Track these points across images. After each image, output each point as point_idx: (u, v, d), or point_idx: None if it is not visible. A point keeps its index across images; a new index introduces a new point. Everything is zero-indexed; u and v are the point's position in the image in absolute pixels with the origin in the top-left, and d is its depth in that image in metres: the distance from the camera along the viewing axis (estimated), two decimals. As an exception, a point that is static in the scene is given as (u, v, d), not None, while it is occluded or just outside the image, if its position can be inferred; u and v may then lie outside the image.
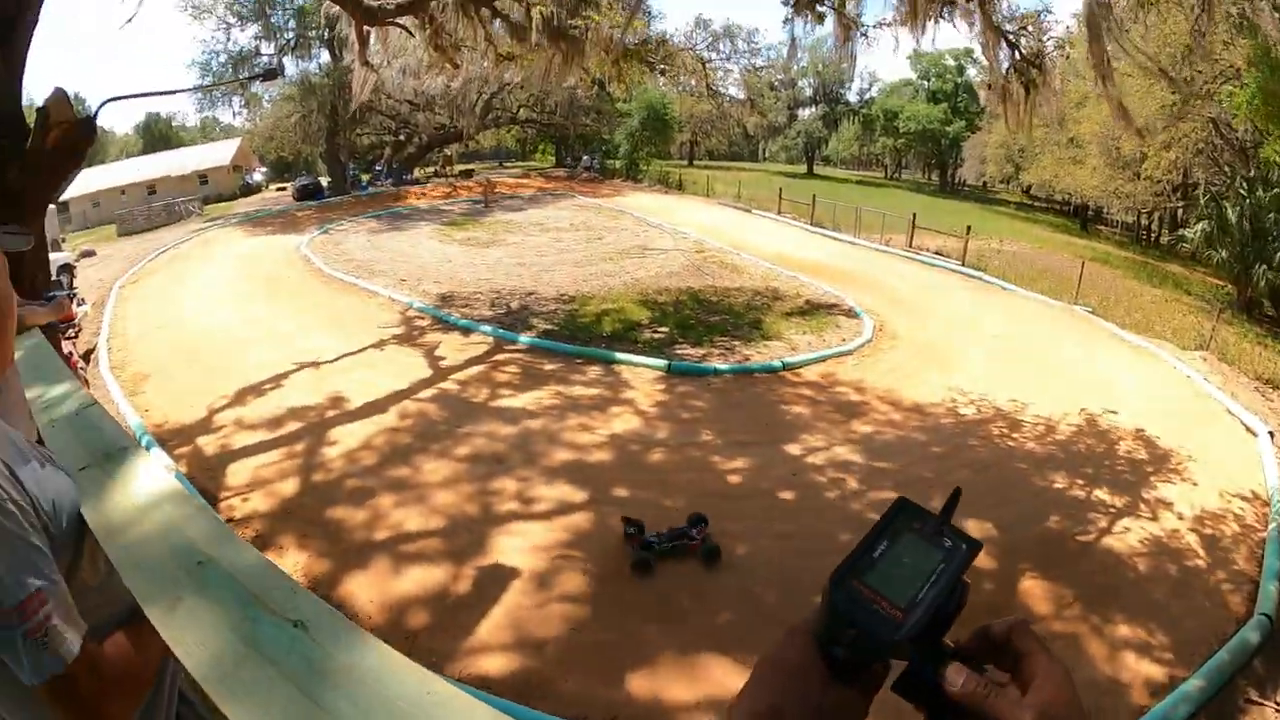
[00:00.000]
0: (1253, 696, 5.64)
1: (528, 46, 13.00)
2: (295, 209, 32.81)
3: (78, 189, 31.83)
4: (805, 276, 18.91)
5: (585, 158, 49.86)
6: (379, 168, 43.44)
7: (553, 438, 8.90)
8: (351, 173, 40.37)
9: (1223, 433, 11.01)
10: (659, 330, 13.68)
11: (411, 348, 12.50)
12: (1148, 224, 45.57)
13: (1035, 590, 6.60)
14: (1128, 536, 7.67)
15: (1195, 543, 7.74)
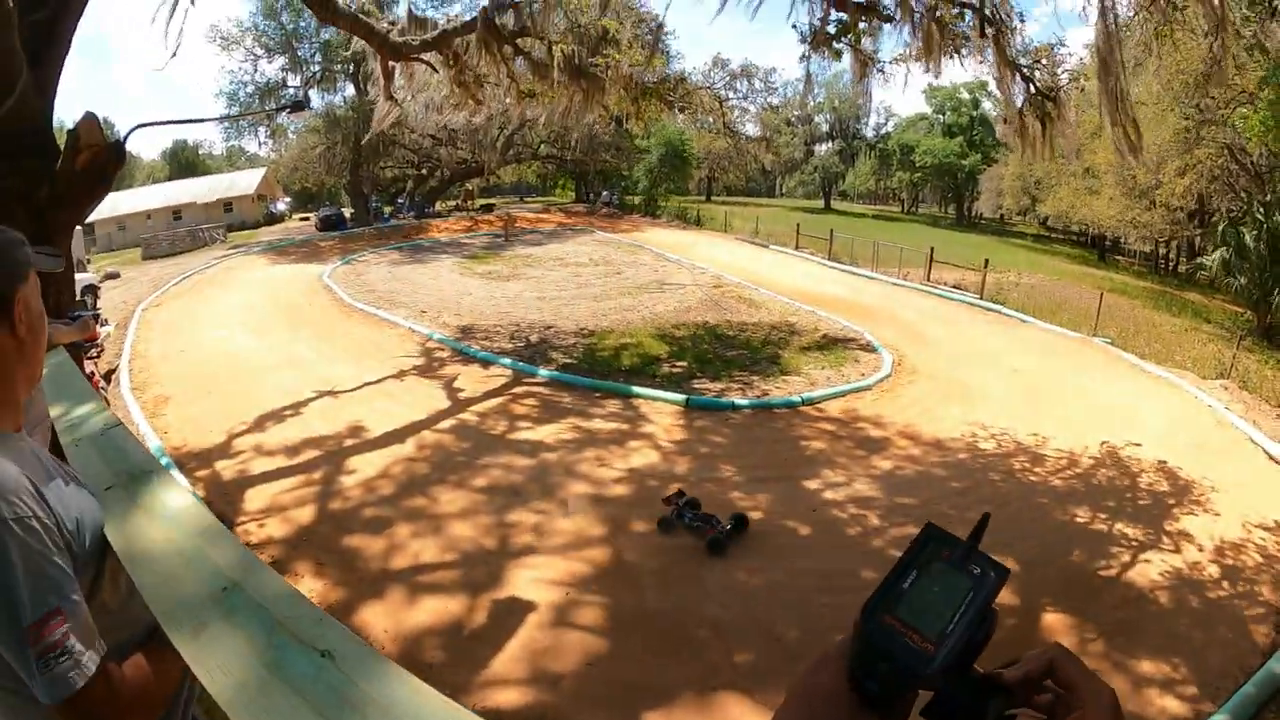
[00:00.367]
0: None
1: (549, 84, 13.22)
2: (318, 239, 33.30)
3: (104, 211, 32.56)
4: (823, 311, 18.90)
5: (604, 193, 50.39)
6: (401, 200, 44.09)
7: (571, 471, 8.87)
8: (374, 205, 41.01)
9: (1245, 462, 10.85)
10: (677, 365, 13.66)
11: (430, 379, 12.56)
12: (1165, 253, 45.44)
13: (1057, 625, 6.50)
14: (1150, 569, 7.55)
15: (1218, 574, 7.61)
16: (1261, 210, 25.52)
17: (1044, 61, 11.81)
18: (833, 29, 12.10)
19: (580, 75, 13.21)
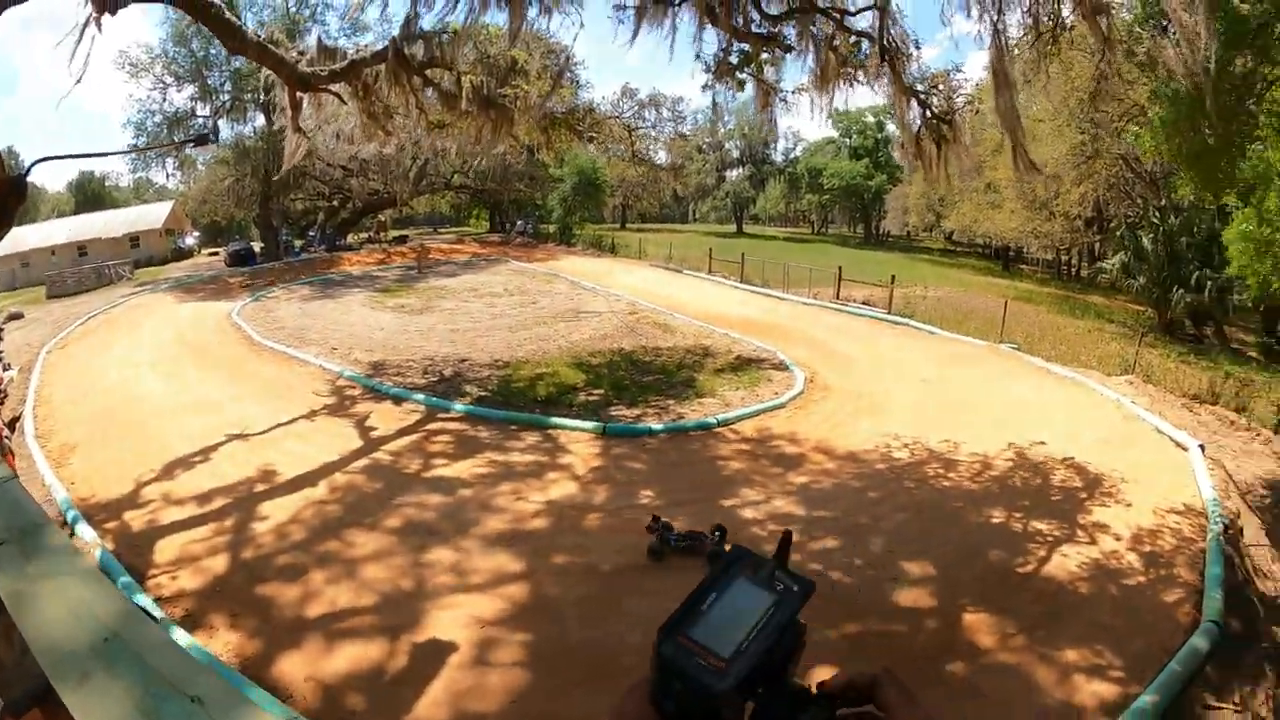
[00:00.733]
0: (1210, 702, 5.74)
1: (458, 114, 13.21)
2: (227, 274, 32.38)
3: (6, 247, 30.71)
4: (736, 333, 19.21)
5: (519, 222, 50.18)
6: (312, 233, 43.02)
7: (487, 507, 8.78)
8: (284, 238, 39.88)
9: (1153, 451, 11.43)
10: (593, 393, 13.66)
11: (342, 418, 12.29)
12: (1067, 259, 47.70)
13: (979, 624, 6.67)
14: (1068, 563, 7.84)
15: (1135, 561, 7.95)
16: (1158, 214, 27.21)
17: (940, 86, 12.31)
18: (735, 59, 12.46)
19: (489, 106, 13.24)
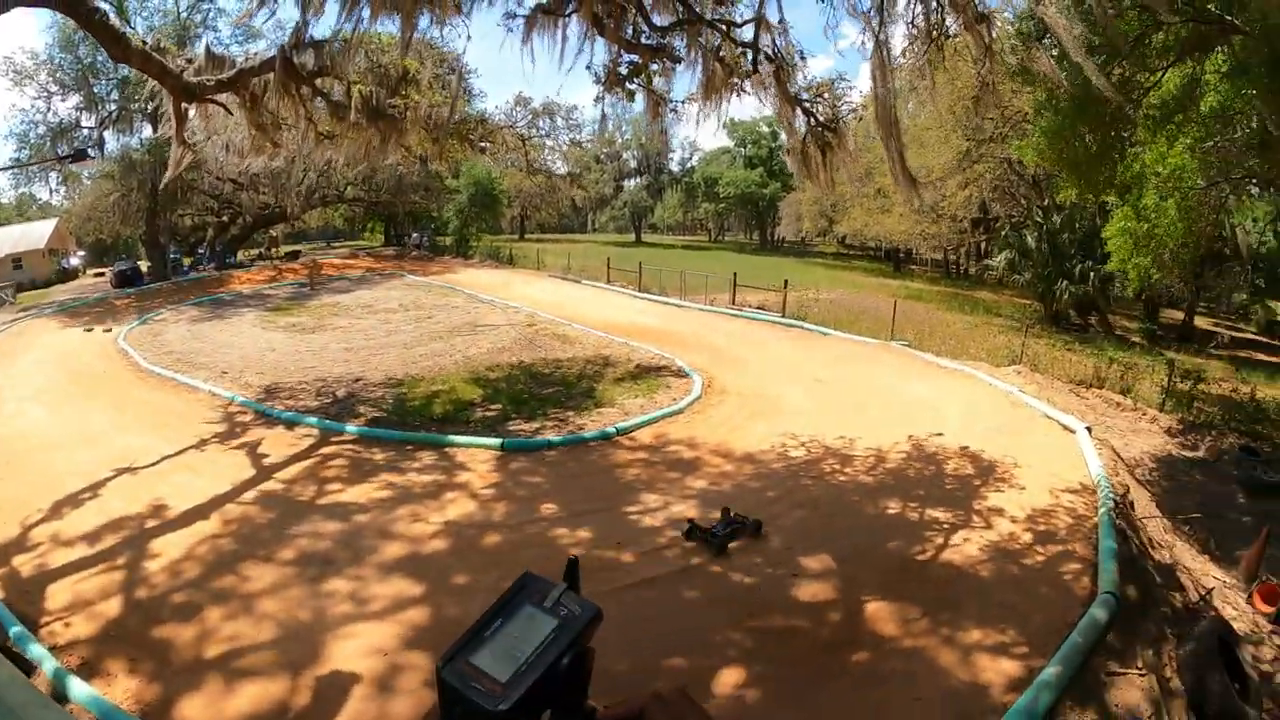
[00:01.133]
0: (1113, 669, 5.97)
1: (347, 125, 12.85)
2: (113, 296, 30.90)
3: None
4: (635, 341, 19.39)
5: (414, 235, 49.39)
6: (202, 251, 41.21)
7: (385, 532, 8.58)
8: (173, 256, 38.06)
9: (1042, 436, 12.07)
10: (492, 408, 13.54)
11: (233, 446, 11.82)
12: (955, 259, 49.95)
13: (881, 613, 6.83)
14: (966, 547, 8.13)
15: (1032, 540, 8.31)
16: (1040, 214, 28.92)
17: (825, 95, 12.66)
18: (625, 70, 12.50)
19: (378, 116, 12.94)
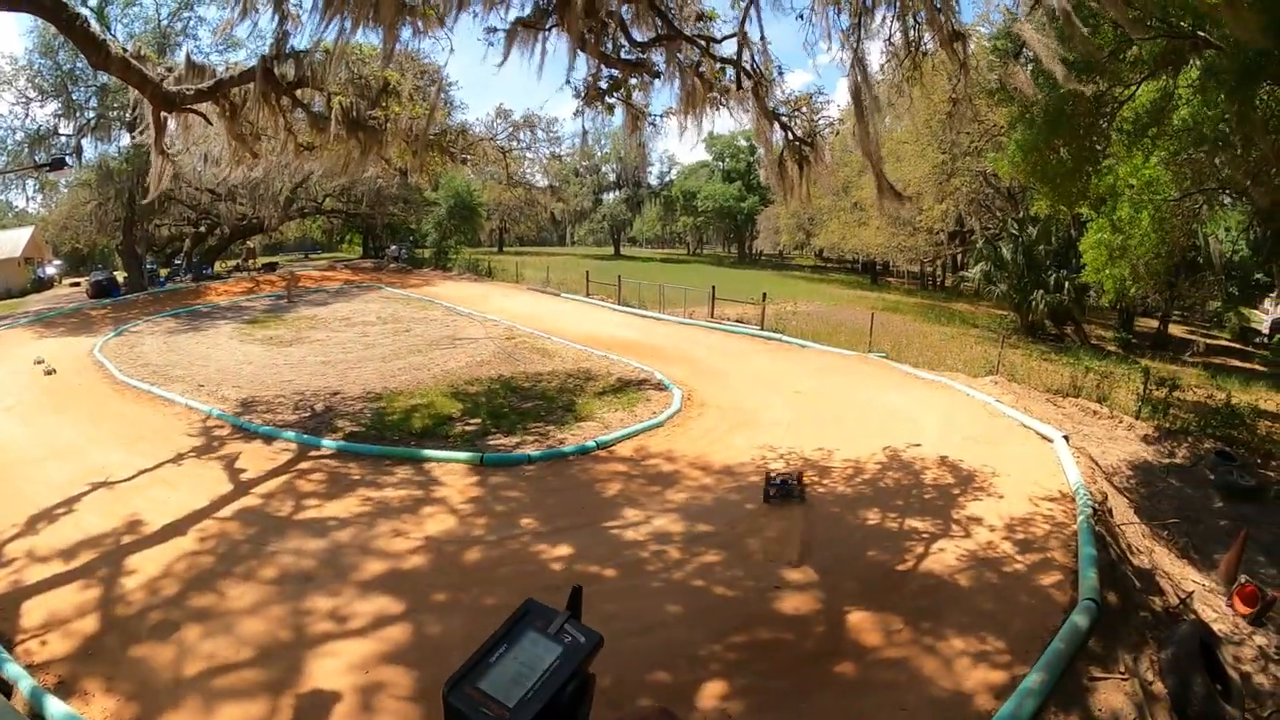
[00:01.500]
0: (1096, 674, 6.01)
1: (327, 137, 12.82)
2: (89, 307, 30.44)
3: None
4: (615, 355, 19.38)
5: (393, 247, 49.03)
6: (178, 262, 40.79)
7: (364, 548, 8.53)
8: (150, 267, 37.61)
9: (1020, 445, 12.15)
10: (471, 422, 13.47)
11: (211, 460, 11.71)
12: (932, 271, 50.48)
13: (863, 624, 6.85)
14: (946, 557, 8.17)
15: (1011, 549, 8.36)
16: (1016, 226, 29.32)
17: (803, 110, 12.78)
18: (605, 84, 12.57)
19: (358, 128, 12.91)
